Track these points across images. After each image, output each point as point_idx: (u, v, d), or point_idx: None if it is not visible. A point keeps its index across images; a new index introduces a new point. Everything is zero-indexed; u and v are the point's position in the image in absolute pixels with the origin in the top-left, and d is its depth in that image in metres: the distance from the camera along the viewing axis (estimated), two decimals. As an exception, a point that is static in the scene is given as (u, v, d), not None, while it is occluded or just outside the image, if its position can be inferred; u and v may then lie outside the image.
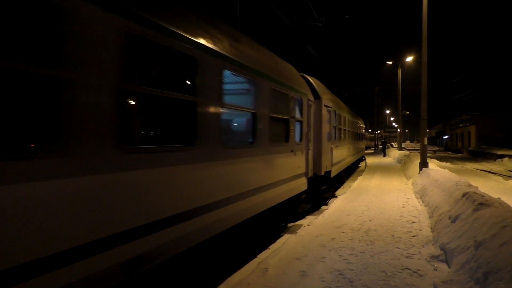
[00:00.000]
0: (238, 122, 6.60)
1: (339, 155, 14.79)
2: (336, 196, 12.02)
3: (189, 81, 4.26)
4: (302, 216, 9.26)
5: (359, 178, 16.91)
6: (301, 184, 8.74)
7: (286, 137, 7.57)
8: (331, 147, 12.38)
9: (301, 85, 9.09)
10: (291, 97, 7.78)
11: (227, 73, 5.10)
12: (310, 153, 9.70)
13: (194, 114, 4.16)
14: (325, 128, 11.42)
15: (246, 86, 6.10)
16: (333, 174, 12.78)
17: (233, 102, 5.61)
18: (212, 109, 4.58)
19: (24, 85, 2.59)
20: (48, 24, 2.61)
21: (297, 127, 8.51)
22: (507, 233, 4.12)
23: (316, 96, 10.86)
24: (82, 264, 2.71)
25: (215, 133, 4.62)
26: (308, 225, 7.43)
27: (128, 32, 3.23)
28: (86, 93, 2.83)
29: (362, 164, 28.79)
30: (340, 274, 4.72)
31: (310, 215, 9.33)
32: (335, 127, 13.53)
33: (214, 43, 4.64)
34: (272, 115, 6.63)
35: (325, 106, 11.40)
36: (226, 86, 5.28)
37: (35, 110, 2.69)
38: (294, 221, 8.81)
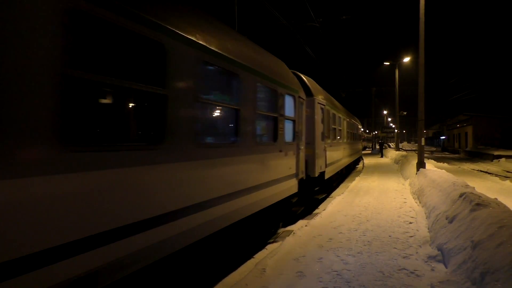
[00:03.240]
0: (217, 119, 5.86)
1: (334, 156, 14.34)
2: (332, 197, 11.75)
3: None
4: (293, 221, 8.64)
5: (357, 178, 16.93)
6: (292, 186, 8.19)
7: (275, 136, 7.11)
8: (325, 147, 12.00)
9: (292, 81, 8.59)
10: (280, 94, 7.35)
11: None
12: (302, 153, 9.13)
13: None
14: (319, 127, 11.11)
15: (227, 80, 5.68)
16: (327, 176, 12.30)
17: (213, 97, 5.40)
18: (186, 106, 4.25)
19: None
20: None
21: (288, 125, 8.04)
22: (504, 233, 4.14)
23: (309, 93, 10.60)
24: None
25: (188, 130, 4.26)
26: (306, 226, 7.43)
27: None
28: None
29: (359, 164, 28.83)
30: (337, 274, 4.73)
31: (303, 219, 8.76)
32: (329, 127, 13.11)
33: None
34: (258, 112, 6.25)
35: (319, 103, 11.15)
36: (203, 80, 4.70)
37: None
38: (285, 226, 8.24)
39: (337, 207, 9.53)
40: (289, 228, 8.00)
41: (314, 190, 10.84)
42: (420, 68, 14.44)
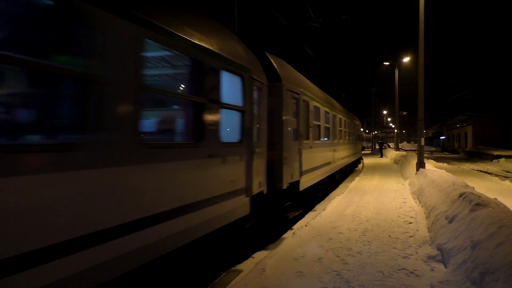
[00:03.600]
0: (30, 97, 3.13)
1: (318, 159, 11.36)
2: (316, 210, 9.92)
3: None
4: (249, 253, 6.17)
5: (357, 178, 16.95)
6: (238, 207, 5.63)
7: (198, 133, 4.60)
8: (299, 149, 9.15)
9: (239, 55, 5.88)
10: (209, 68, 4.75)
11: None
12: (260, 158, 6.66)
13: None
14: (289, 123, 8.35)
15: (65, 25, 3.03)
16: (304, 186, 9.46)
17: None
18: None
19: None
20: None
21: (230, 118, 5.66)
22: (504, 233, 4.14)
23: (275, 77, 7.85)
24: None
25: None
26: (306, 226, 7.44)
27: None
28: None
29: (359, 165, 28.84)
30: (337, 274, 4.73)
31: (264, 249, 6.44)
32: (308, 123, 10.16)
33: None
34: (147, 88, 3.82)
35: (289, 91, 8.38)
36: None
37: None
38: (230, 266, 5.57)
39: (337, 207, 9.54)
40: (236, 267, 5.53)
41: (284, 207, 8.28)
42: (420, 68, 14.45)
